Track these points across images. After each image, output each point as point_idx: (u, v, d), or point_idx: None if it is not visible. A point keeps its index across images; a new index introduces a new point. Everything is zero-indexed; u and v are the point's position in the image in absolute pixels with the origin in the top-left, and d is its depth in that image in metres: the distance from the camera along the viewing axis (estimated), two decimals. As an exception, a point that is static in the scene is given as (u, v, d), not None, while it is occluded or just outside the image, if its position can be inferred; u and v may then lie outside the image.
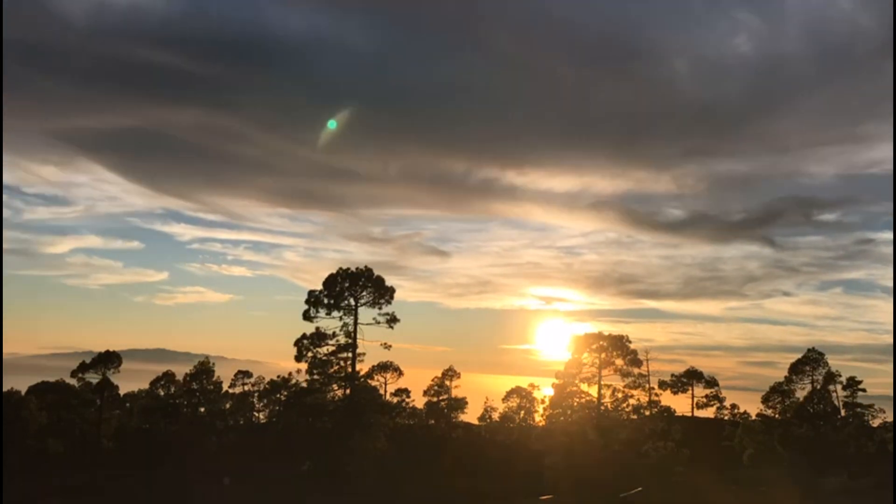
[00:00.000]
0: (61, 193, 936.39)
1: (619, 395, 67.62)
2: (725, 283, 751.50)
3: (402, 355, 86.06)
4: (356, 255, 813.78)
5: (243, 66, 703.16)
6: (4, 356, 72.25)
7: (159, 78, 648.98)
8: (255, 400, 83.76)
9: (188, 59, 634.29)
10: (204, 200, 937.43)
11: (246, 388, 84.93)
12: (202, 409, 73.29)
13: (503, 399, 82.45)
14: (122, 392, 76.87)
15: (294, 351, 57.88)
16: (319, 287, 57.18)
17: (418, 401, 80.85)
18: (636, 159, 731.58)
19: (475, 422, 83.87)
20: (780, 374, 75.56)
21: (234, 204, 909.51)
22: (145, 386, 76.93)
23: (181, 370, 75.42)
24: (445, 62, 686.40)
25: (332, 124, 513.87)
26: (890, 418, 74.56)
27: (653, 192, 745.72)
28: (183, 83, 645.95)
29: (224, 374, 78.57)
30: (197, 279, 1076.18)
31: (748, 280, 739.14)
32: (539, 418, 78.08)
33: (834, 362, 76.09)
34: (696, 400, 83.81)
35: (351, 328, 56.71)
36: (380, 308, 57.30)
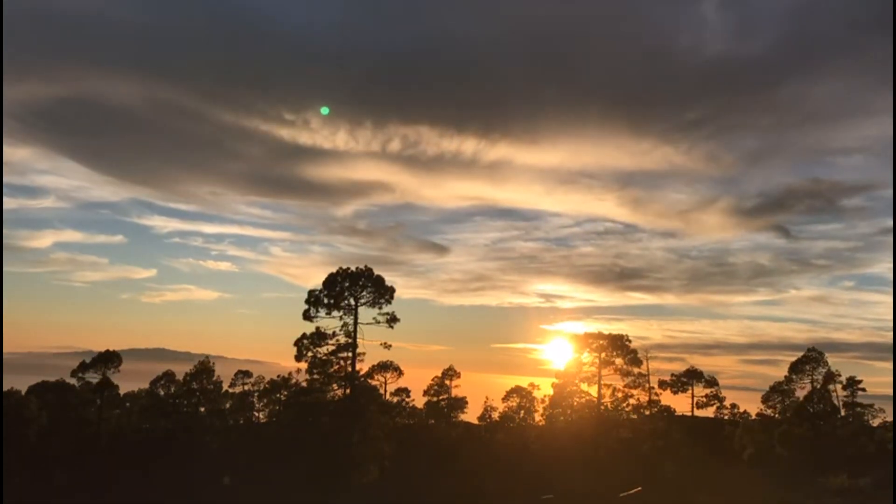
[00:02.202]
0: (26, 182, 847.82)
1: (619, 395, 67.76)
2: (733, 277, 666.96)
3: (399, 354, 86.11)
4: (343, 248, 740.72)
5: (185, 22, 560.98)
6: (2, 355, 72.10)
7: (86, 32, 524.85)
8: (255, 400, 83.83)
9: (116, 8, 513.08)
10: (171, 189, 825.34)
11: (246, 387, 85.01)
12: (202, 409, 73.26)
13: (503, 399, 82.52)
14: (121, 392, 76.82)
15: (293, 350, 57.94)
16: (308, 284, 57.50)
17: (417, 400, 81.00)
18: (638, 132, 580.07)
19: (475, 421, 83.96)
20: (784, 372, 75.53)
21: (201, 191, 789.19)
22: (145, 385, 76.85)
23: (181, 370, 75.33)
24: (425, 20, 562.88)
25: (324, 111, 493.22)
26: (890, 418, 74.69)
27: (655, 173, 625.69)
28: (114, 41, 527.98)
29: (224, 374, 78.53)
30: (183, 276, 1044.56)
31: (757, 275, 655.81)
32: (539, 418, 78.19)
33: (840, 360, 76.02)
34: (695, 399, 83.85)
35: (351, 328, 56.66)
36: (380, 308, 57.24)
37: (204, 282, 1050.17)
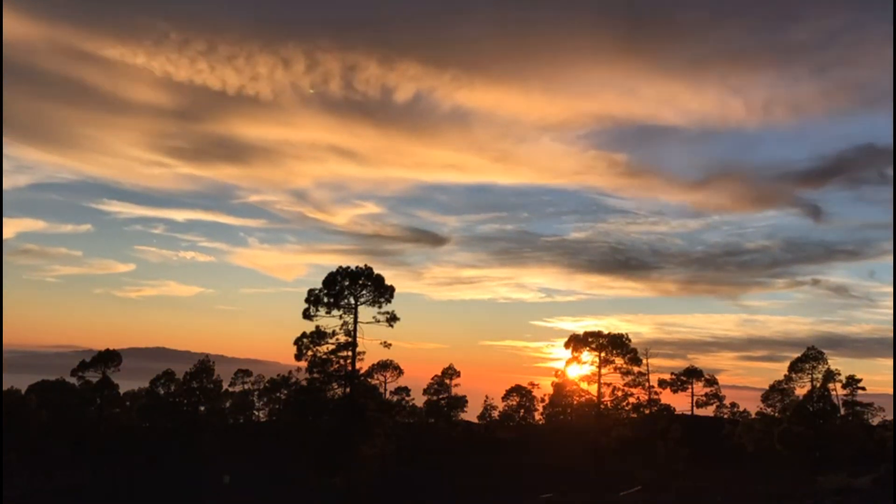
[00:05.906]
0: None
1: (619, 394, 67.68)
2: (746, 268, 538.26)
3: (395, 353, 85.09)
4: (320, 238, 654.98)
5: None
6: None
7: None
8: (255, 399, 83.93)
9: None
10: (112, 165, 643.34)
11: (246, 386, 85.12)
12: (202, 408, 73.33)
13: (503, 397, 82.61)
14: (122, 390, 76.86)
15: (292, 349, 57.86)
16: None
17: (416, 399, 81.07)
18: (637, 75, 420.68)
19: (475, 420, 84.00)
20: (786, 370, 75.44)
21: (134, 164, 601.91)
22: (145, 384, 76.97)
23: (181, 369, 75.43)
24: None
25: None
26: (889, 416, 74.81)
27: (655, 128, 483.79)
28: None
29: (223, 373, 78.56)
30: (159, 269, 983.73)
31: (773, 265, 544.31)
32: (539, 417, 78.24)
33: (845, 358, 75.92)
34: (695, 398, 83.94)
35: (351, 327, 56.64)
36: (379, 307, 57.17)
37: (181, 276, 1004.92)
